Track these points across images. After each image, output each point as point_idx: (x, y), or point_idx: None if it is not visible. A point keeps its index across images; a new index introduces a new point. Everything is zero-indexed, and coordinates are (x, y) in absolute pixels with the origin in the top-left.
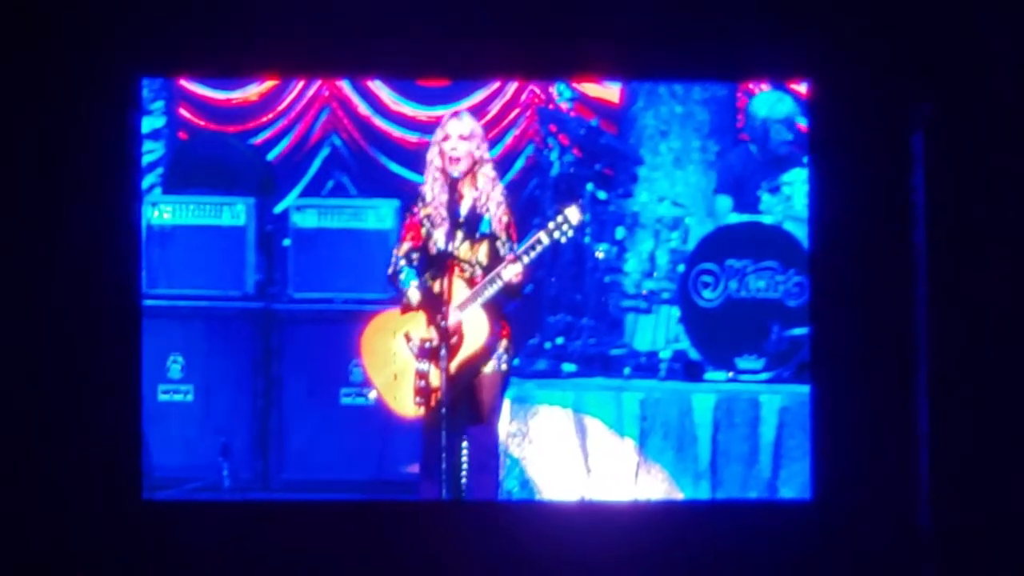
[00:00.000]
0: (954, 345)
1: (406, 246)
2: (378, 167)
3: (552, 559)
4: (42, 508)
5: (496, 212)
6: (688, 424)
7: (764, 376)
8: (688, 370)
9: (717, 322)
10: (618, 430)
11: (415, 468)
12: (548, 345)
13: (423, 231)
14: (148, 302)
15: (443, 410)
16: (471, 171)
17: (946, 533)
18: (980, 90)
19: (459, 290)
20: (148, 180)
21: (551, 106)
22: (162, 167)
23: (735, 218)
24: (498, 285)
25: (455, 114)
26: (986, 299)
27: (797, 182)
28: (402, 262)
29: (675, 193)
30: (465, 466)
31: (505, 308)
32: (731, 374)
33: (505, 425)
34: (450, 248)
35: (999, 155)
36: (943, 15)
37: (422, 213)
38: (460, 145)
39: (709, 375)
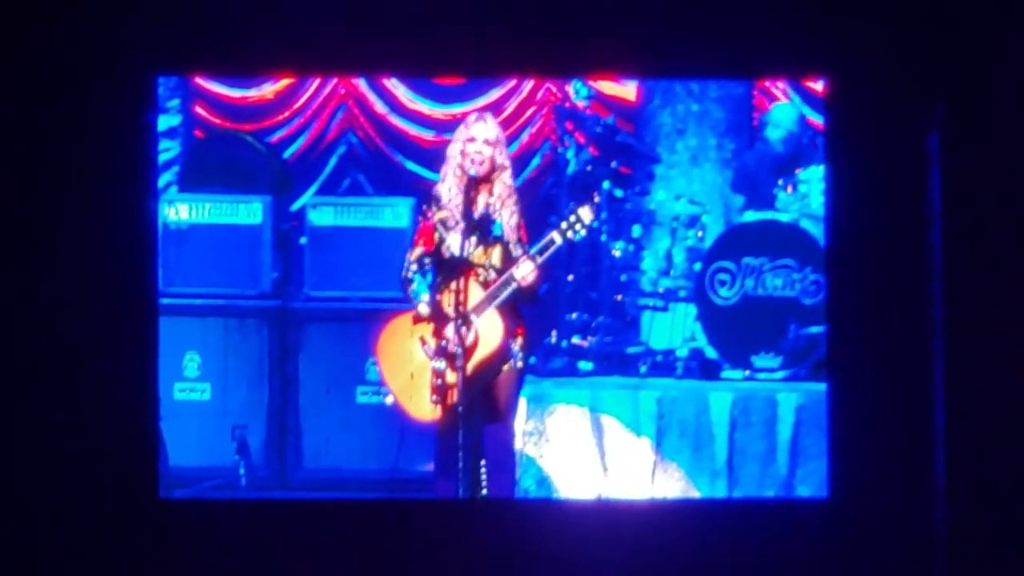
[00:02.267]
0: (970, 343)
1: (418, 251)
2: (394, 165)
3: (568, 558)
4: (59, 507)
5: (508, 217)
6: (705, 422)
7: (781, 374)
8: (705, 368)
9: (734, 320)
10: (635, 429)
11: (431, 466)
12: (565, 343)
13: (436, 235)
14: (165, 300)
15: (460, 408)
16: (489, 176)
17: (962, 532)
18: (997, 89)
19: (474, 293)
20: (164, 178)
21: (567, 104)
22: (178, 165)
23: (752, 216)
24: (512, 286)
25: (480, 116)
26: (1002, 298)
27: (813, 180)
28: (414, 267)
29: (692, 191)
30: (482, 464)
31: (521, 307)
32: (748, 372)
33: (522, 424)
34: (465, 252)
35: (1015, 154)
36: (960, 14)
37: (436, 217)
38: (484, 149)
39: (726, 373)
